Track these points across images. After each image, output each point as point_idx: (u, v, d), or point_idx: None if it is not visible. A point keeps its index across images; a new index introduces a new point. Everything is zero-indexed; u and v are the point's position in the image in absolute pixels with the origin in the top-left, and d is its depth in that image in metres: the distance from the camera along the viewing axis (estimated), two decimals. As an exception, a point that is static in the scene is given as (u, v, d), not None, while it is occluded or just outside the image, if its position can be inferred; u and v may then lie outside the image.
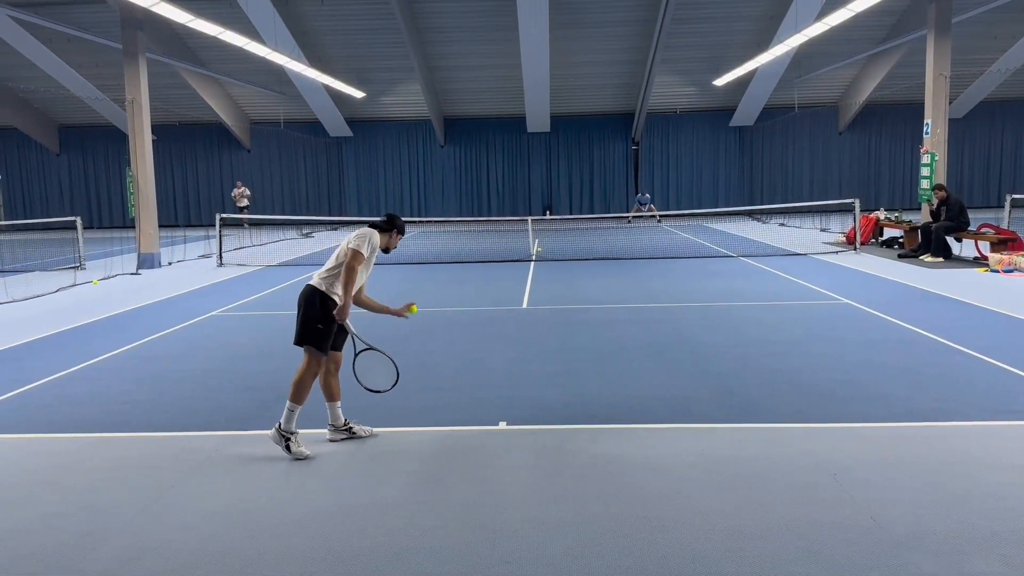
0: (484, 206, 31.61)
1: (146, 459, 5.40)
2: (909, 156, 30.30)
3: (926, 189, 17.73)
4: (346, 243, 5.51)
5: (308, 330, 5.39)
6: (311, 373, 5.41)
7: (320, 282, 5.46)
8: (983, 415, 5.86)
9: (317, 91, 27.54)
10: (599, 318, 10.16)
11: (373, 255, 5.60)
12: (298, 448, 5.33)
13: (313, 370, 5.42)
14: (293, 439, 5.34)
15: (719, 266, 15.26)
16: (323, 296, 5.41)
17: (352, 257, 5.39)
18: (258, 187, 32.10)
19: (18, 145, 32.08)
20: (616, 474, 4.89)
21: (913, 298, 11.10)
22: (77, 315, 11.18)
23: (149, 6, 13.61)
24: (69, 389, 7.25)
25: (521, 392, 6.83)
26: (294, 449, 5.31)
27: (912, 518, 4.19)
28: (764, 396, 6.51)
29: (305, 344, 5.41)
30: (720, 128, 31.03)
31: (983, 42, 25.71)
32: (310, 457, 5.33)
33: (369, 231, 5.56)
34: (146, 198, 17.46)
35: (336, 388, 5.67)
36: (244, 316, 11.04)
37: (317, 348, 5.39)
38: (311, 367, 5.41)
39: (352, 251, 5.40)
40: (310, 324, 5.38)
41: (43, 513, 4.54)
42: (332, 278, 5.46)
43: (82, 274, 15.76)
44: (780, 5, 23.56)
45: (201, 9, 17.92)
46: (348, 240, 5.51)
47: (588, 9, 24.04)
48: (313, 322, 5.37)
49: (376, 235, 5.57)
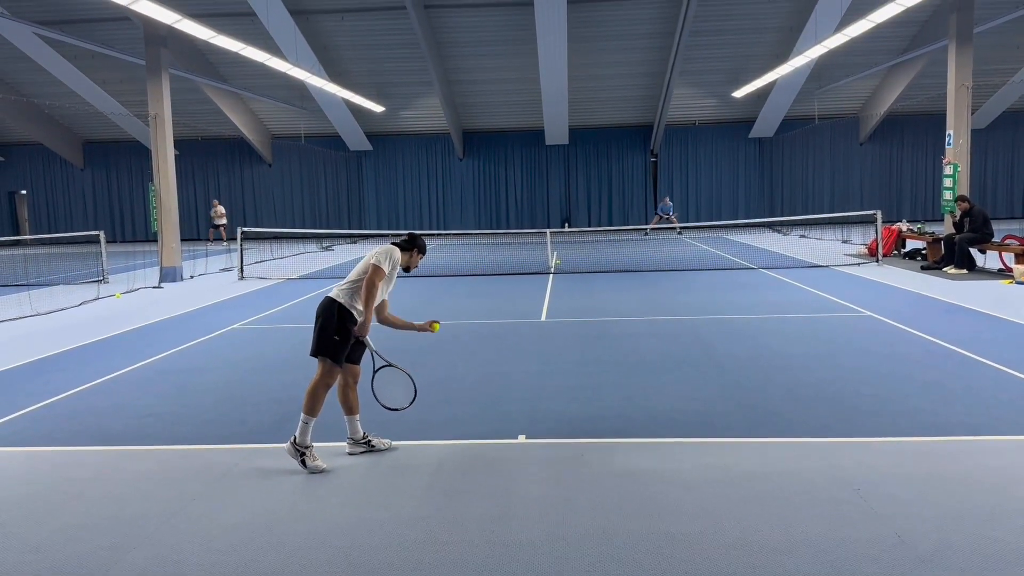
0: (503, 219, 31.67)
1: (168, 472, 5.43)
2: (931, 167, 30.06)
3: (949, 200, 17.56)
4: (368, 258, 5.53)
5: (324, 341, 5.39)
6: (325, 384, 5.42)
7: (339, 294, 5.47)
8: (1010, 429, 5.77)
9: (337, 106, 27.77)
10: (619, 331, 10.12)
11: (394, 272, 5.61)
12: (314, 462, 5.33)
13: (327, 381, 5.43)
14: (308, 453, 5.34)
15: (740, 278, 15.17)
16: (341, 308, 5.42)
17: (373, 272, 5.41)
18: (279, 201, 32.37)
19: (43, 160, 32.57)
20: (638, 488, 4.86)
21: (937, 310, 10.98)
22: (100, 328, 11.29)
23: (172, 23, 13.80)
24: (92, 402, 7.31)
25: (541, 405, 6.81)
26: (310, 464, 5.32)
27: (938, 534, 4.13)
28: (788, 410, 6.45)
29: (320, 355, 5.41)
30: (739, 140, 30.94)
31: (1006, 52, 25.50)
32: (327, 471, 5.33)
33: (391, 248, 5.58)
34: (168, 212, 17.64)
35: (355, 401, 5.67)
36: (265, 329, 11.10)
37: (332, 360, 5.40)
38: (325, 378, 5.41)
39: (373, 267, 5.42)
40: (326, 335, 5.38)
41: (67, 524, 4.58)
42: (352, 291, 5.48)
43: (105, 288, 15.93)
44: (800, 17, 23.50)
45: (223, 25, 18.17)
46: (370, 255, 5.54)
47: (606, 22, 24.09)
48: (330, 333, 5.38)
49: (398, 252, 5.59)
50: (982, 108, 28.43)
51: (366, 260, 5.54)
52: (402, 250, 5.66)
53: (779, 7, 23.72)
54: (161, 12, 13.07)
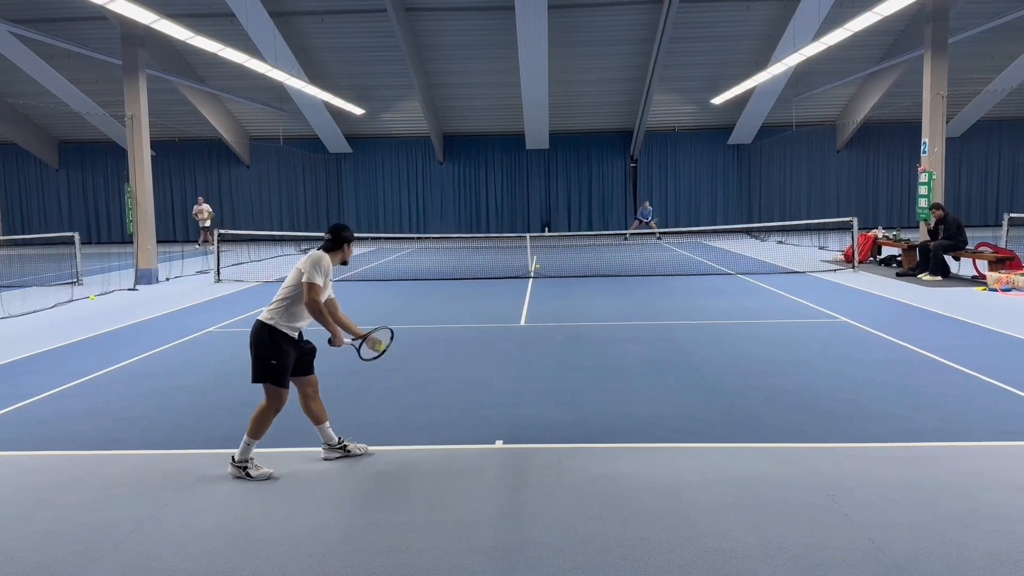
0: (483, 223, 31.66)
1: (141, 477, 5.36)
2: (907, 174, 30.41)
3: (924, 208, 17.77)
4: (297, 273, 5.35)
5: (262, 367, 5.26)
6: (274, 409, 5.31)
7: (269, 316, 5.31)
8: (983, 435, 5.84)
9: (317, 108, 27.65)
10: (598, 335, 10.14)
11: (328, 278, 5.43)
12: (259, 471, 5.26)
13: (276, 406, 5.31)
14: (251, 464, 5.27)
15: (718, 284, 15.26)
16: (271, 330, 5.27)
17: (309, 291, 5.24)
18: (257, 203, 32.14)
19: (17, 160, 32.13)
20: (615, 494, 4.86)
21: (912, 317, 11.09)
22: (74, 331, 11.15)
23: (150, 23, 13.67)
24: (65, 405, 7.21)
25: (520, 410, 6.80)
26: (255, 474, 5.25)
27: (912, 540, 4.16)
28: (765, 415, 6.49)
29: (262, 382, 5.30)
30: (718, 146, 31.14)
31: (979, 62, 25.87)
32: (273, 475, 5.27)
33: (318, 255, 5.40)
34: (145, 214, 17.47)
35: (320, 410, 5.57)
36: (241, 332, 11.00)
37: (275, 383, 5.27)
38: (273, 403, 5.30)
39: (307, 285, 5.25)
40: (264, 362, 5.25)
41: (38, 531, 4.50)
42: (280, 310, 5.32)
43: (79, 290, 15.74)
44: (778, 25, 23.71)
45: (201, 26, 18.02)
46: (299, 268, 5.35)
47: (587, 28, 24.18)
48: (266, 359, 5.24)
49: (326, 259, 5.40)
50: (957, 117, 28.81)
51: (294, 276, 5.36)
52: (330, 252, 5.48)
53: (757, 15, 23.91)
54: (138, 12, 12.94)
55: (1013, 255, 14.46)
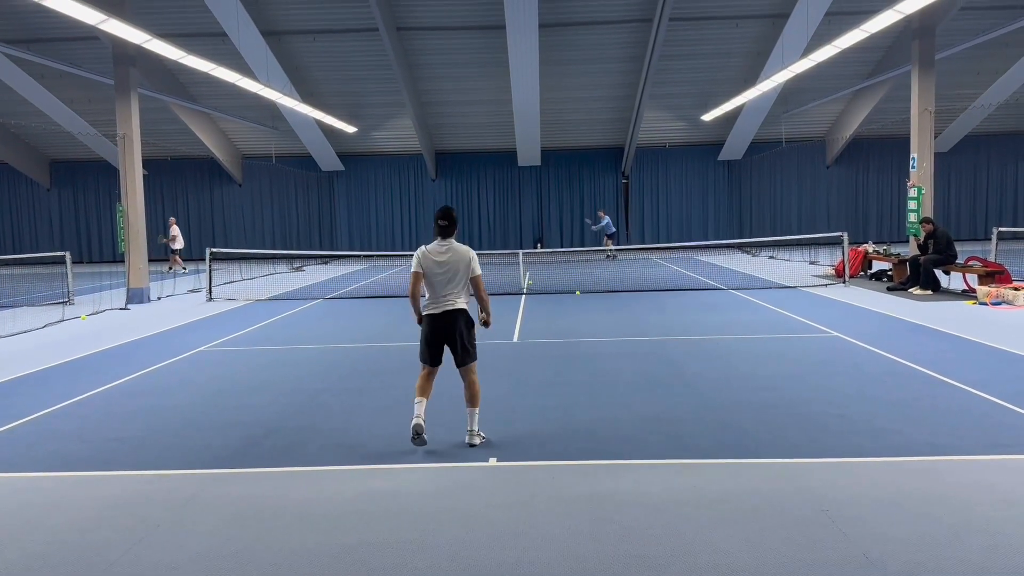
0: (475, 239, 31.64)
1: (132, 498, 5.33)
2: (896, 189, 30.57)
3: (913, 222, 17.88)
4: (468, 268, 6.42)
5: (474, 347, 6.48)
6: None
7: (466, 302, 6.44)
8: (974, 449, 5.85)
9: (309, 126, 27.69)
10: (591, 351, 10.15)
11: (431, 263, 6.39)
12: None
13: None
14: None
15: (710, 299, 15.29)
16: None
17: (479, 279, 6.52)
18: (249, 221, 32.10)
19: (9, 180, 32.04)
20: (609, 511, 4.85)
21: (902, 331, 11.13)
22: (65, 351, 11.10)
23: (141, 43, 13.70)
24: (55, 426, 7.17)
25: (513, 427, 6.80)
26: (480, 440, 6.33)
27: (904, 554, 4.16)
28: (757, 430, 6.49)
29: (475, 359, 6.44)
30: (709, 162, 31.29)
31: (967, 78, 26.11)
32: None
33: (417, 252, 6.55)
34: (136, 233, 17.44)
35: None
36: (233, 351, 10.98)
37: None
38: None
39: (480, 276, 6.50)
40: (474, 340, 6.50)
41: (27, 554, 4.47)
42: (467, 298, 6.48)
43: (71, 309, 15.68)
44: (766, 42, 23.91)
45: (193, 45, 18.06)
46: (469, 265, 6.42)
47: (578, 46, 24.34)
48: (474, 338, 6.48)
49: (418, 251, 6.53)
50: (945, 132, 29.03)
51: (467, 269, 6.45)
52: (443, 235, 6.45)
53: (746, 33, 24.12)
54: (130, 32, 12.97)
55: (1003, 269, 14.55)
